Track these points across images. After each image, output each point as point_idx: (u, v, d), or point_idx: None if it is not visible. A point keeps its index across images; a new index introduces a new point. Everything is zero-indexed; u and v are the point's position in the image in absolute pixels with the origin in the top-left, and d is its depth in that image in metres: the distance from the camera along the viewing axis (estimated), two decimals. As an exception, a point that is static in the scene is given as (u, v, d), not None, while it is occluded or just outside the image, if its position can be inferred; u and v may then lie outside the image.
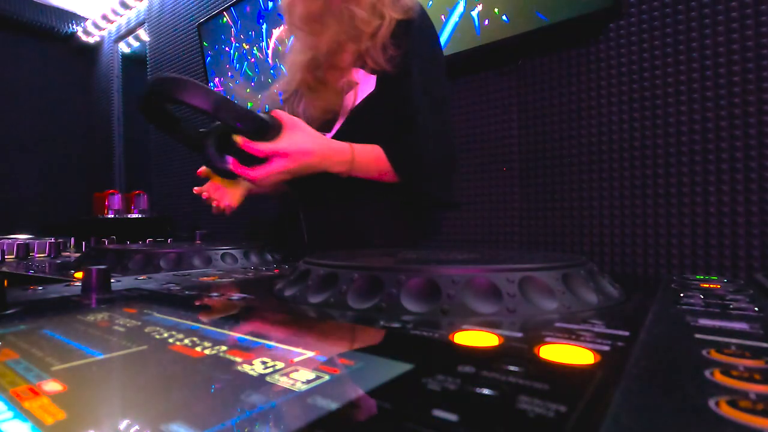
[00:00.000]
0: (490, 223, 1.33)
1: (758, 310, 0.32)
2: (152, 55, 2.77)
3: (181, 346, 0.24)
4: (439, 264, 0.36)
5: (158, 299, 0.38)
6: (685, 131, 1.02)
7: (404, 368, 0.19)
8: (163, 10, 2.68)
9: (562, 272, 0.35)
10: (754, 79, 0.95)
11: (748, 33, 0.95)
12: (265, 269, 0.65)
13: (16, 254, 1.05)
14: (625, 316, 0.31)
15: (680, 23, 1.03)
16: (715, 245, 0.99)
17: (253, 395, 0.17)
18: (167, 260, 0.71)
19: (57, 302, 0.37)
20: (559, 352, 0.22)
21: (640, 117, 1.08)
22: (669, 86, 1.04)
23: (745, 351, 0.22)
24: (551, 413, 0.15)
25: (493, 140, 1.33)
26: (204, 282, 0.50)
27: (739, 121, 0.96)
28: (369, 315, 0.32)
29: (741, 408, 0.15)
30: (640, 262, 1.08)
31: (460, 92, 1.39)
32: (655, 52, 1.06)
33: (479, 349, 0.23)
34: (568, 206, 1.19)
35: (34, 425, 0.14)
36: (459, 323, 0.29)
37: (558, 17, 1.11)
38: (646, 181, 1.07)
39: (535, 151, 1.25)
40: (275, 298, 0.40)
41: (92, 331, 0.27)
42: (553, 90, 1.22)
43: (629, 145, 1.10)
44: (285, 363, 0.20)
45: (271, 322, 0.31)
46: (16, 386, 0.18)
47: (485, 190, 1.34)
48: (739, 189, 0.96)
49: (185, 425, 0.14)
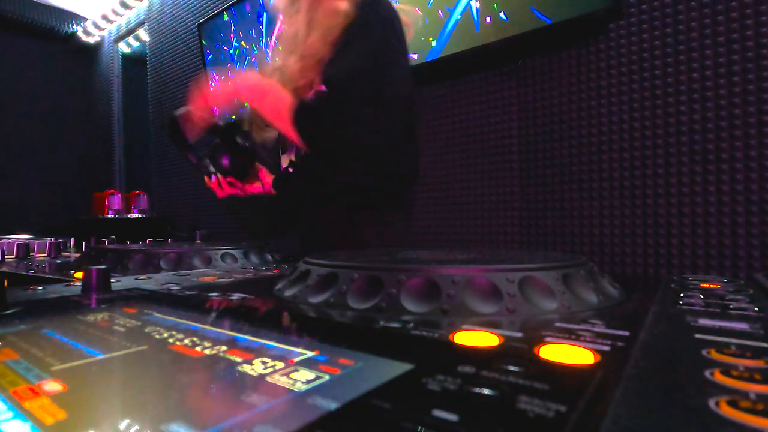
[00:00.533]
0: (490, 223, 1.33)
1: (758, 310, 0.32)
2: (152, 55, 2.77)
3: (181, 346, 0.24)
4: (439, 264, 0.36)
5: (158, 299, 0.38)
6: (685, 131, 1.02)
7: (404, 368, 0.19)
8: (163, 10, 2.68)
9: (562, 272, 0.35)
10: (754, 79, 0.95)
11: (748, 33, 0.95)
12: (265, 269, 0.65)
13: (16, 254, 1.05)
14: (625, 316, 0.31)
15: (680, 23, 1.03)
16: (715, 245, 0.98)
17: (253, 395, 0.17)
18: (167, 260, 0.71)
19: (57, 302, 0.37)
20: (559, 352, 0.22)
21: (640, 117, 1.08)
22: (669, 86, 1.04)
23: (745, 351, 0.22)
24: (551, 413, 0.15)
25: (493, 140, 1.33)
26: (204, 282, 0.50)
27: (739, 121, 0.96)
28: (369, 315, 0.32)
29: (741, 408, 0.15)
30: (640, 262, 1.08)
31: (460, 92, 1.39)
32: (655, 52, 1.06)
33: (479, 349, 0.23)
34: (568, 206, 1.19)
35: (34, 425, 0.14)
36: (459, 323, 0.29)
37: (558, 17, 1.11)
38: (646, 181, 1.07)
39: (535, 151, 1.25)
40: (275, 298, 0.40)
41: (92, 331, 0.27)
42: (553, 90, 1.22)
43: (629, 145, 1.10)
44: (285, 363, 0.20)
45: (271, 322, 0.31)
46: (16, 386, 0.18)
47: (485, 190, 1.34)
48: (739, 189, 0.96)
49: (185, 425, 0.14)
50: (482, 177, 1.35)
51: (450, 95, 1.41)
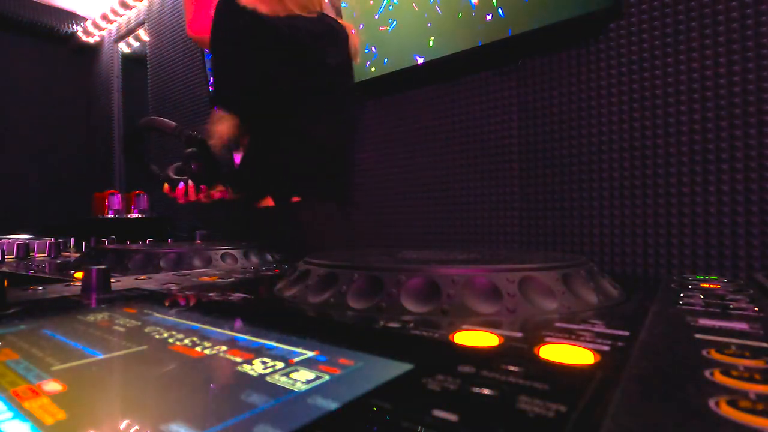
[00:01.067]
0: (490, 223, 1.33)
1: (758, 310, 0.32)
2: (152, 55, 2.77)
3: (181, 346, 0.24)
4: (439, 264, 0.36)
5: (158, 299, 0.38)
6: (685, 131, 1.02)
7: (404, 368, 0.19)
8: (163, 10, 2.68)
9: (562, 272, 0.35)
10: (754, 79, 0.95)
11: (748, 33, 0.95)
12: (265, 269, 0.65)
13: (16, 254, 1.05)
14: (625, 316, 0.31)
15: (680, 23, 1.03)
16: (715, 245, 0.99)
17: (253, 395, 0.17)
18: (167, 260, 0.71)
19: (57, 302, 0.37)
20: (559, 352, 0.22)
21: (640, 117, 1.08)
22: (669, 86, 1.04)
23: (745, 351, 0.22)
24: (551, 413, 0.15)
25: (493, 140, 1.33)
26: (204, 282, 0.50)
27: (739, 121, 0.96)
28: (369, 315, 0.32)
29: (741, 408, 0.15)
30: (640, 262, 1.08)
31: (460, 92, 1.39)
32: (655, 52, 1.06)
33: (479, 349, 0.23)
34: (568, 206, 1.19)
35: (34, 425, 0.14)
36: (459, 323, 0.29)
37: (558, 17, 1.11)
38: (646, 181, 1.07)
39: (535, 151, 1.25)
40: (275, 298, 0.40)
41: (92, 331, 0.27)
42: (553, 90, 1.22)
43: (629, 145, 1.10)
44: (285, 363, 0.20)
45: (271, 322, 0.31)
46: (16, 386, 0.18)
47: (485, 190, 1.34)
48: (739, 189, 0.96)
49: (185, 425, 0.14)
50: (482, 177, 1.35)
51: (450, 95, 1.41)
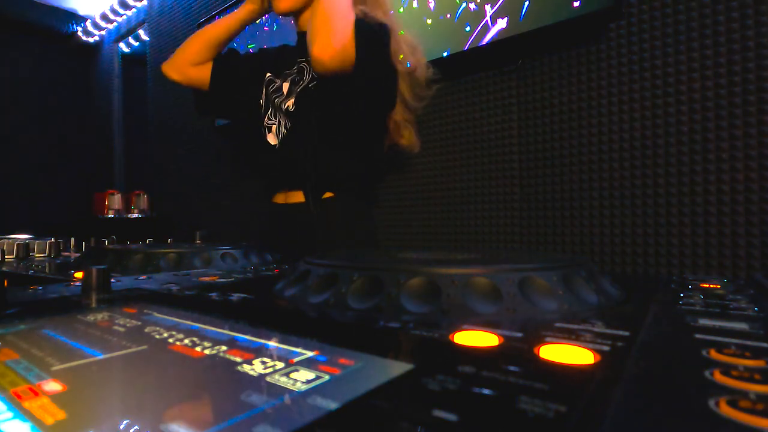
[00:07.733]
0: (490, 223, 1.33)
1: (758, 310, 0.32)
2: (152, 55, 2.77)
3: (181, 346, 0.24)
4: (439, 264, 0.36)
5: (158, 299, 0.38)
6: (685, 131, 1.02)
7: (404, 368, 0.19)
8: (163, 10, 2.68)
9: (562, 272, 0.35)
10: (754, 79, 0.95)
11: (748, 33, 0.95)
12: (265, 269, 0.65)
13: (16, 254, 1.05)
14: (625, 316, 0.31)
15: (680, 23, 1.03)
16: (715, 245, 0.98)
17: (253, 395, 0.17)
18: (167, 260, 0.71)
19: (57, 302, 0.37)
20: (559, 352, 0.22)
21: (640, 117, 1.08)
22: (669, 86, 1.04)
23: (745, 351, 0.22)
24: (551, 413, 0.15)
25: (493, 140, 1.33)
26: (204, 282, 0.50)
27: (739, 121, 0.96)
28: (369, 315, 0.32)
29: (741, 408, 0.15)
30: (640, 262, 1.08)
31: (460, 92, 1.39)
32: (655, 52, 1.06)
33: (479, 349, 0.23)
34: (568, 206, 1.19)
35: (34, 425, 0.14)
36: (459, 323, 0.29)
37: (558, 17, 1.11)
38: (646, 181, 1.07)
39: (535, 151, 1.25)
40: (275, 298, 0.40)
41: (92, 331, 0.27)
42: (553, 90, 1.22)
43: (629, 145, 1.10)
44: (285, 363, 0.20)
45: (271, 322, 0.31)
46: (16, 386, 0.18)
47: (485, 190, 1.34)
48: (739, 189, 0.96)
49: (185, 425, 0.14)
50: (482, 177, 1.35)
51: (450, 95, 1.41)
